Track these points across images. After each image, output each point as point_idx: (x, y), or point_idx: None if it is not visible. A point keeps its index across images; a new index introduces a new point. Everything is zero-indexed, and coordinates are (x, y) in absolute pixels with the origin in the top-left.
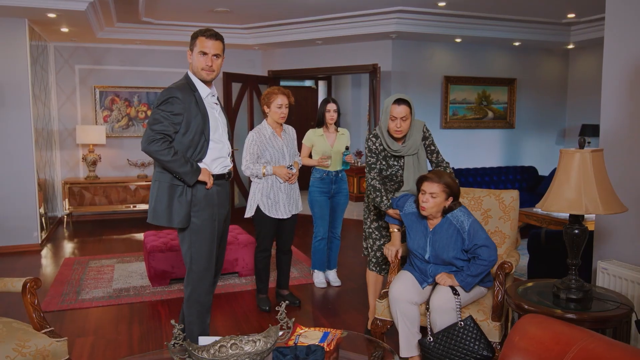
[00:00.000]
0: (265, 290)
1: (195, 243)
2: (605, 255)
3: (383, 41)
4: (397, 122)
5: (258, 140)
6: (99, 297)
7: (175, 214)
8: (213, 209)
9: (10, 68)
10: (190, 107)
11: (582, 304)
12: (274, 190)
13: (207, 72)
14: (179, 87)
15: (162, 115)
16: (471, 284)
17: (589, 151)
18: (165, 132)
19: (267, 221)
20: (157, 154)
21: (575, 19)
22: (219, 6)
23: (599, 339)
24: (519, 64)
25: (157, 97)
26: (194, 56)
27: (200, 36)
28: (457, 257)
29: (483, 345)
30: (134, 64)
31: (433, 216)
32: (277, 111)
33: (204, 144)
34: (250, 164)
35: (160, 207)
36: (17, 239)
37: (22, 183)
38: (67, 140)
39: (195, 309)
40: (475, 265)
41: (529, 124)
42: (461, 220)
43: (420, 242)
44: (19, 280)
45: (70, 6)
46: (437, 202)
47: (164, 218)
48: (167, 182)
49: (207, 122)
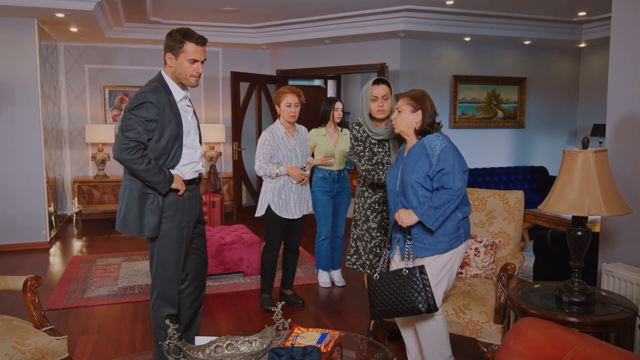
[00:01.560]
0: (269, 290)
1: (162, 250)
2: (610, 257)
3: (391, 40)
4: (379, 101)
5: (271, 140)
6: (104, 295)
7: (146, 223)
8: (183, 215)
9: (20, 67)
10: (165, 112)
11: (585, 308)
12: (285, 191)
13: (195, 79)
14: (153, 91)
15: (136, 121)
16: (432, 217)
17: (592, 151)
18: (138, 140)
19: (277, 221)
20: (130, 163)
21: (586, 17)
22: (225, 6)
23: (595, 344)
24: (530, 63)
25: (130, 100)
26: (180, 62)
27: (189, 42)
28: (418, 181)
29: (421, 299)
30: (142, 64)
31: (407, 136)
32: (286, 110)
33: (177, 151)
34: (263, 163)
35: (130, 216)
36: (27, 237)
37: (31, 181)
38: (76, 139)
39: (159, 316)
40: (438, 195)
41: (539, 124)
42: (434, 144)
43: (395, 171)
44: (20, 278)
45: (78, 6)
46: (404, 117)
47: (135, 228)
48: (137, 191)
49: (180, 127)
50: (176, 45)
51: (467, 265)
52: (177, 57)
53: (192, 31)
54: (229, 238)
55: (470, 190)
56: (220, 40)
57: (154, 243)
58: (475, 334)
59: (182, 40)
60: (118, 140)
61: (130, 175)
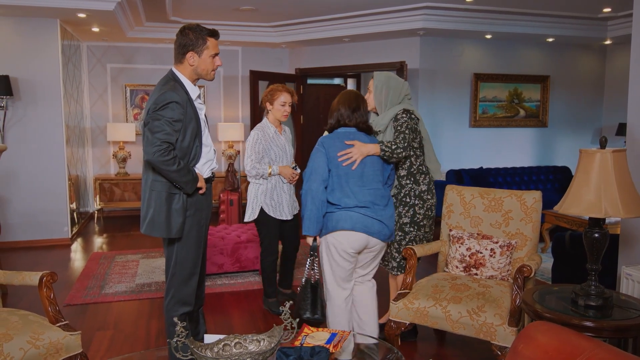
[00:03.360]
0: (275, 294)
1: (181, 249)
2: (630, 260)
3: (411, 38)
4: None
5: (263, 139)
6: (122, 292)
7: (173, 224)
8: (202, 214)
9: (43, 67)
10: (187, 111)
11: (602, 312)
12: (277, 191)
13: (214, 73)
14: (175, 90)
15: (164, 122)
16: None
17: (610, 151)
18: (169, 141)
19: (272, 223)
20: (163, 165)
21: (611, 14)
22: (244, 5)
23: (607, 350)
24: (553, 61)
25: (154, 101)
26: (204, 58)
27: (211, 37)
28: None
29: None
30: (163, 63)
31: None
32: (280, 109)
33: (197, 149)
34: (256, 163)
35: (159, 218)
36: (49, 233)
37: (54, 179)
38: (98, 138)
39: (175, 314)
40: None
41: (562, 123)
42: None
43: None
44: (36, 274)
45: (99, 6)
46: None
47: (163, 229)
48: (165, 192)
49: (199, 125)
50: (199, 42)
51: (482, 267)
52: (200, 54)
53: (205, 27)
54: (245, 236)
55: (486, 190)
56: (239, 39)
57: (174, 243)
58: (489, 337)
59: (205, 37)
60: (149, 143)
61: (157, 176)
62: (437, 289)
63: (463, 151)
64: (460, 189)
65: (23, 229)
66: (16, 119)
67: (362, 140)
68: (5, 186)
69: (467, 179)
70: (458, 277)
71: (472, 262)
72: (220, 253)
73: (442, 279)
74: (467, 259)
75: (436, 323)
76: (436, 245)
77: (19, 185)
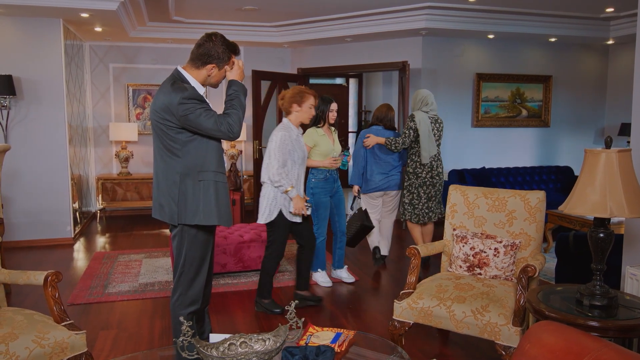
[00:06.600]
0: (270, 294)
1: (191, 248)
2: (635, 260)
3: (413, 38)
4: None
5: (289, 139)
6: (125, 291)
7: (223, 211)
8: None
9: (46, 67)
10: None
11: (607, 312)
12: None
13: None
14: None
15: (194, 103)
16: None
17: (615, 151)
18: (212, 110)
19: (287, 226)
20: (236, 126)
21: (614, 14)
22: (247, 4)
23: (614, 350)
24: (555, 61)
25: (179, 98)
26: (221, 72)
27: (234, 55)
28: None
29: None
30: (165, 62)
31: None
32: (309, 111)
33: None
34: (281, 169)
35: (209, 206)
36: (51, 233)
37: (56, 178)
38: (101, 137)
39: (181, 313)
40: None
41: (565, 123)
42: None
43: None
44: (41, 273)
45: (102, 6)
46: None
47: (213, 217)
48: (212, 181)
49: None
50: (224, 59)
51: (486, 266)
52: (220, 68)
53: (233, 44)
54: (247, 236)
55: (489, 190)
56: (241, 39)
57: (183, 240)
58: (494, 337)
59: (230, 55)
60: (209, 123)
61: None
62: (441, 289)
63: (465, 151)
64: (464, 188)
65: (26, 228)
66: (19, 119)
67: (381, 134)
68: (8, 186)
69: (470, 179)
70: (462, 276)
71: (475, 262)
72: (223, 252)
73: (446, 278)
74: (471, 259)
75: (440, 323)
76: (440, 244)
77: (22, 185)
